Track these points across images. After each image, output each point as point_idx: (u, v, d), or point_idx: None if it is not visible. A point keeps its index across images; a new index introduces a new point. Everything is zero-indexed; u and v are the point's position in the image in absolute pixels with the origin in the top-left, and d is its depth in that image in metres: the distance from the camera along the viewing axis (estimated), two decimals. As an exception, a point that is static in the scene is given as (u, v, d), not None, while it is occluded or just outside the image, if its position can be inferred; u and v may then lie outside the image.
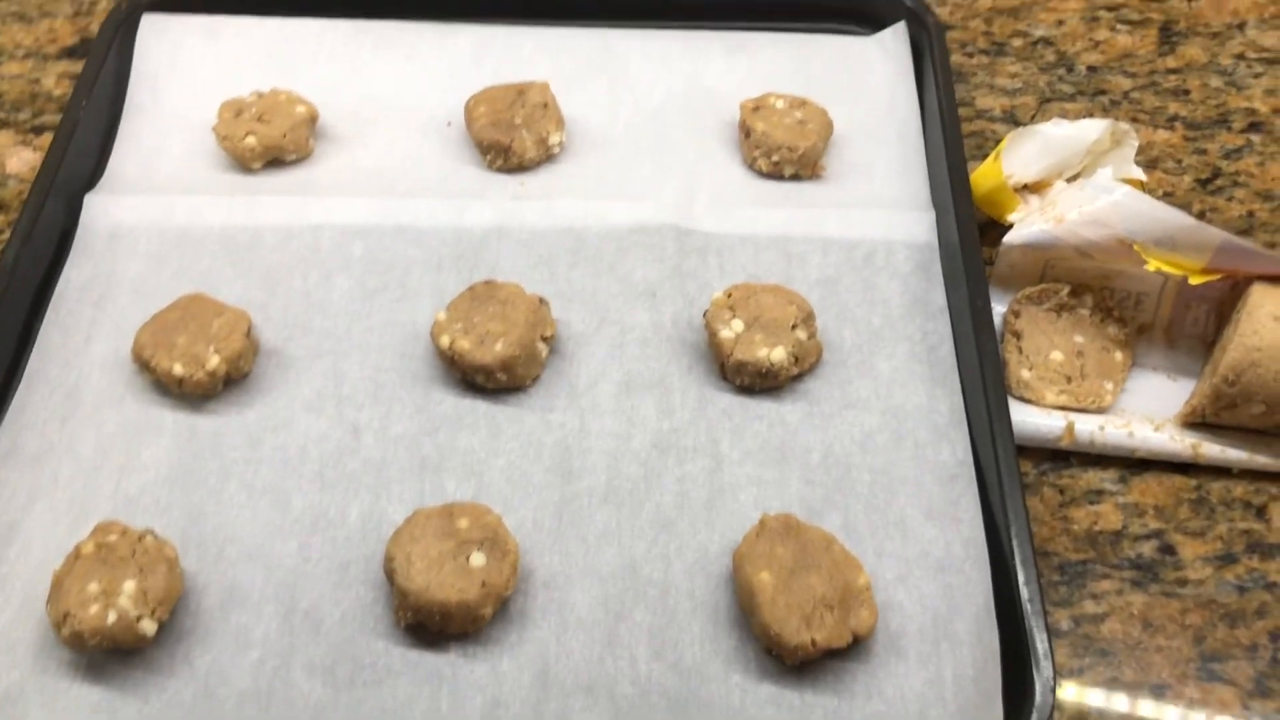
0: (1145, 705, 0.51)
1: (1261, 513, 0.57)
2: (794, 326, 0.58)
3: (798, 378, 0.59)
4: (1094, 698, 0.52)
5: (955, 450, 0.56)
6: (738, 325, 0.58)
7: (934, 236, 0.62)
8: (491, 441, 0.57)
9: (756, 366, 0.57)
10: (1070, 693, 0.52)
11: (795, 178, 0.67)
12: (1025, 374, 0.59)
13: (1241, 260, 0.56)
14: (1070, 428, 0.58)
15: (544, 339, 0.59)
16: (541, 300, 0.59)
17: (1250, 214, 0.69)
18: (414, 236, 0.64)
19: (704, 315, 0.59)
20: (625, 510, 0.55)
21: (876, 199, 0.64)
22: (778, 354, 0.57)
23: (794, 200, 0.65)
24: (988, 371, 0.56)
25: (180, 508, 0.54)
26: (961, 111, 0.72)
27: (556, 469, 0.56)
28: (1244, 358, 0.55)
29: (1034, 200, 0.65)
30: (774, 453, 0.57)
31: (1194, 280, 0.57)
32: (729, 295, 0.60)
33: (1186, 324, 0.61)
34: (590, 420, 0.57)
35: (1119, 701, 0.51)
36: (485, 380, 0.58)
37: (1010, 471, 0.53)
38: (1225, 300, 0.60)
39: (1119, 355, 0.60)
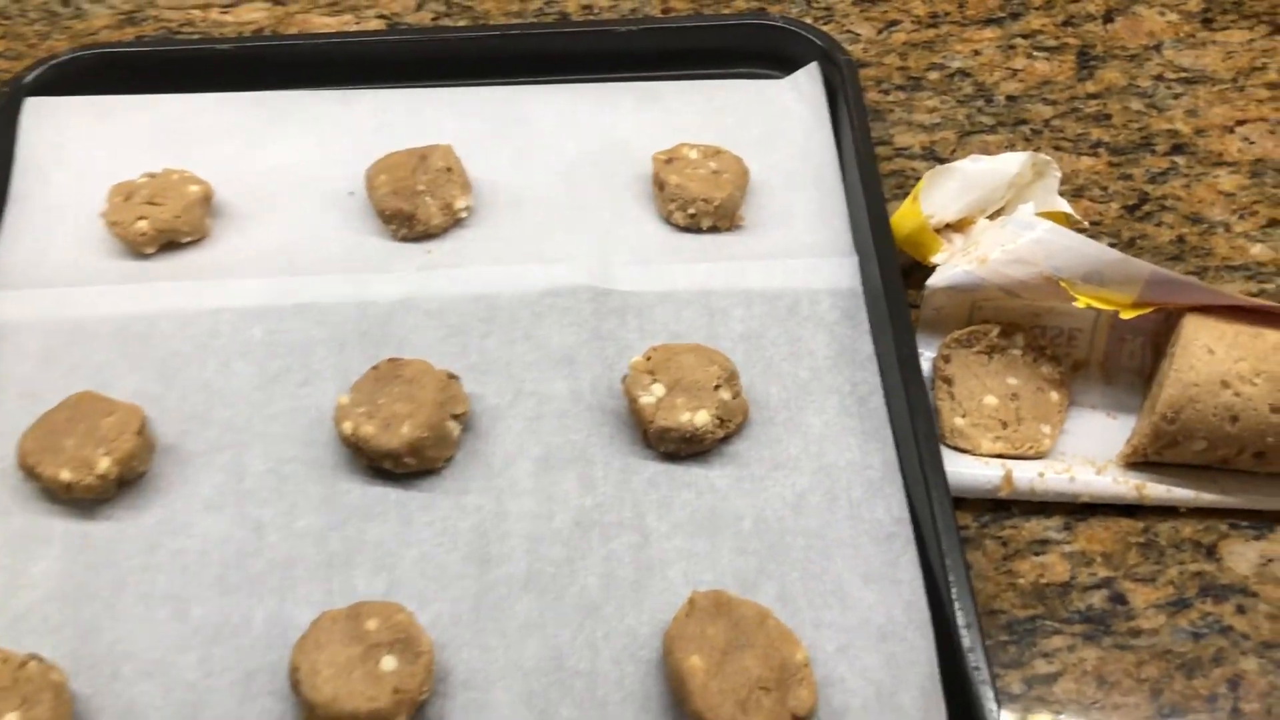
0: (1105, 768, 0.49)
1: (1212, 552, 0.55)
2: (717, 387, 0.55)
3: (725, 440, 0.56)
4: (1051, 763, 0.49)
5: (891, 507, 0.53)
6: (658, 389, 0.56)
7: (858, 282, 0.59)
8: (403, 531, 0.54)
9: (680, 432, 0.55)
10: (1026, 760, 0.49)
11: (714, 229, 0.65)
12: (959, 421, 0.57)
13: (1172, 292, 0.55)
14: (1009, 476, 0.55)
15: (455, 417, 0.56)
16: (451, 376, 0.57)
17: (1180, 239, 0.67)
18: (316, 315, 0.61)
19: (622, 381, 0.57)
20: (548, 597, 0.52)
21: (798, 247, 0.62)
22: (701, 417, 0.55)
23: (713, 253, 0.62)
24: (919, 422, 0.53)
25: (72, 625, 0.51)
26: (880, 150, 0.71)
27: (473, 557, 0.53)
28: (1181, 394, 0.53)
29: (957, 240, 0.63)
30: (704, 523, 0.54)
31: (1125, 315, 0.55)
32: (648, 358, 0.57)
33: (1123, 358, 0.59)
34: (508, 501, 0.54)
35: (1078, 766, 0.49)
36: (394, 466, 0.55)
37: (948, 527, 0.50)
38: (1160, 331, 0.58)
39: (1055, 395, 0.58)
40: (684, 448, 0.55)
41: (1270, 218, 0.68)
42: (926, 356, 0.60)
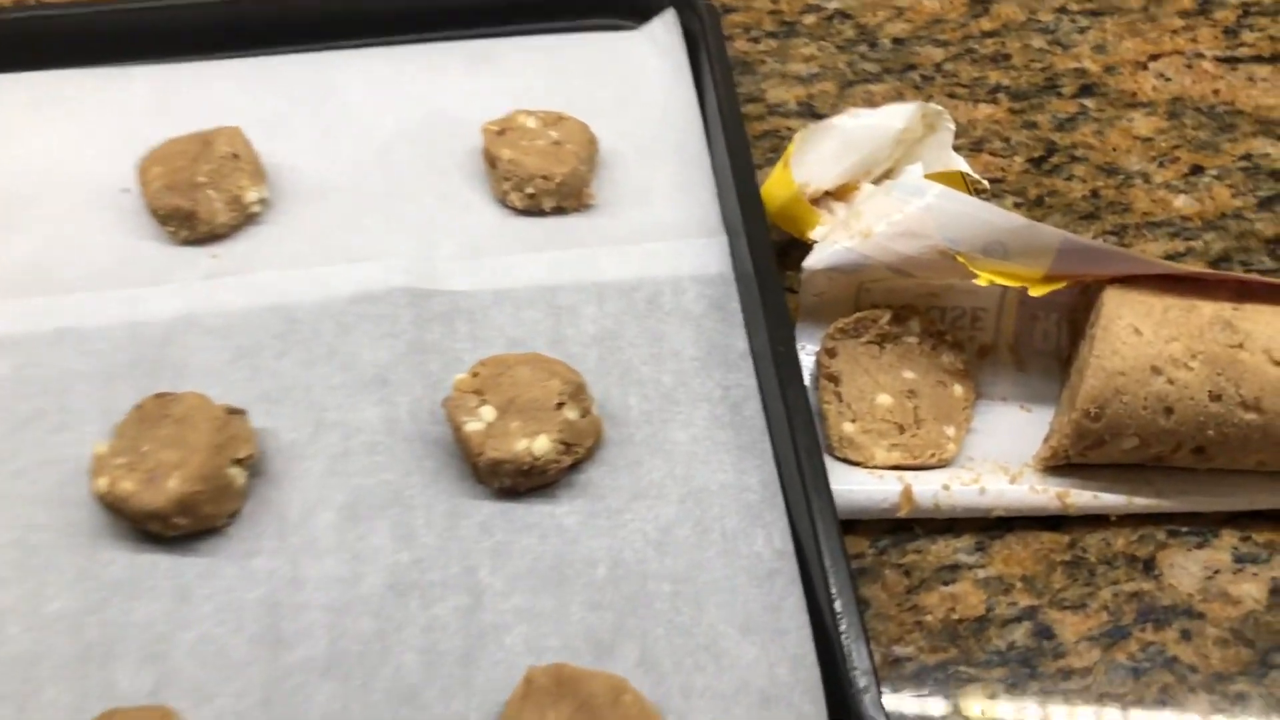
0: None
1: (1150, 567, 0.46)
2: (560, 405, 0.46)
3: (574, 468, 0.47)
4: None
5: (772, 538, 0.45)
6: (488, 413, 0.46)
7: (728, 266, 0.50)
8: (177, 610, 0.44)
9: (516, 464, 0.45)
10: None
11: (558, 211, 0.55)
12: (848, 428, 0.48)
13: (1088, 262, 0.46)
14: (908, 492, 0.47)
15: (238, 462, 0.46)
16: (232, 411, 0.46)
17: (1094, 193, 0.58)
18: (77, 342, 0.50)
19: (444, 404, 0.47)
20: (354, 683, 0.42)
21: (657, 228, 0.53)
22: (541, 444, 0.45)
23: (559, 239, 0.53)
24: (799, 433, 0.44)
25: None
26: (750, 108, 0.61)
27: (263, 637, 0.43)
28: (1105, 385, 0.44)
29: (839, 210, 0.53)
30: (548, 574, 0.44)
31: (1035, 291, 0.46)
32: (475, 375, 0.47)
33: (1035, 339, 0.51)
34: (305, 563, 0.45)
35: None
36: (163, 529, 0.44)
37: (837, 559, 0.42)
38: (1077, 306, 0.50)
39: (959, 389, 0.49)
40: (523, 482, 0.46)
41: (1192, 164, 0.60)
42: (809, 351, 0.51)
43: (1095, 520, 0.48)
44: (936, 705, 0.43)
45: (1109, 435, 0.45)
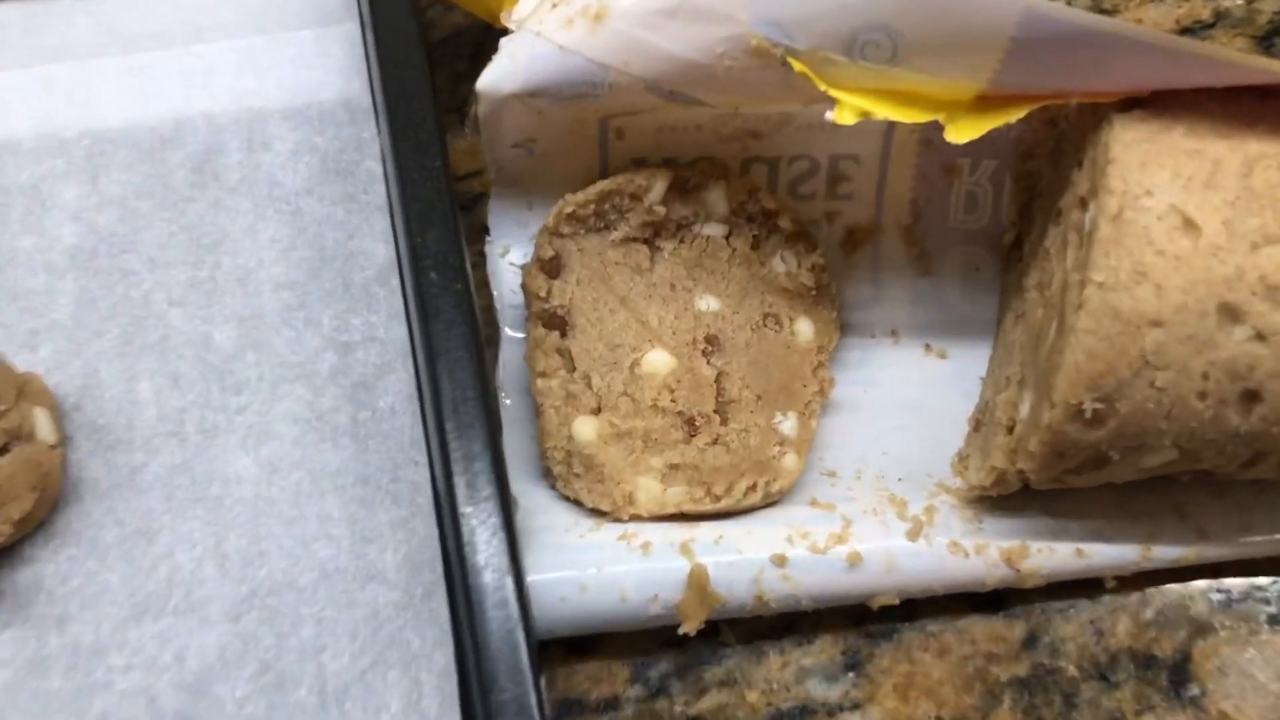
0: None
1: (1181, 677, 0.23)
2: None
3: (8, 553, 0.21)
4: None
5: (416, 692, 0.20)
6: None
7: (361, 87, 0.24)
8: None
9: None
10: None
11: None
12: (584, 429, 0.24)
13: (1066, 61, 0.21)
14: (698, 578, 0.22)
15: None
16: None
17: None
18: None
19: None
20: None
21: (210, 17, 0.25)
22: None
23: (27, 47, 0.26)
24: (469, 462, 0.21)
25: None
26: None
27: None
28: (1117, 349, 0.20)
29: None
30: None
31: (958, 133, 0.21)
32: None
33: (952, 213, 0.26)
34: None
35: None
36: None
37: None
38: (1035, 150, 0.25)
39: (805, 328, 0.25)
40: None
41: None
42: (512, 262, 0.25)
43: (1073, 591, 0.24)
44: None
45: (1119, 448, 0.21)
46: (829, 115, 0.22)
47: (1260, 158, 0.20)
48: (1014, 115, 0.22)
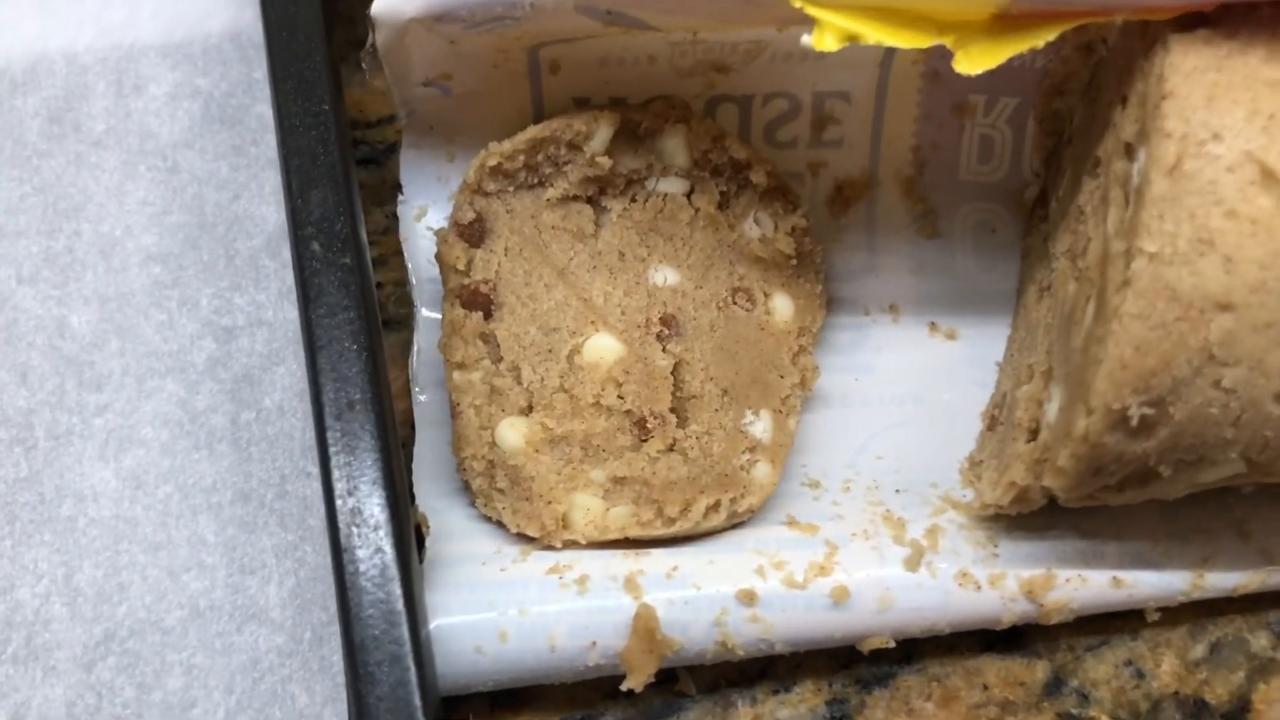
0: None
1: (1243, 741, 0.19)
2: None
3: None
4: None
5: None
6: None
7: (250, 16, 0.20)
8: None
9: None
10: None
11: None
12: (509, 433, 0.19)
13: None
14: (645, 621, 0.18)
15: None
16: None
17: None
18: None
19: None
20: None
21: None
22: None
23: None
24: (351, 479, 0.16)
25: None
26: None
27: None
28: (1173, 341, 0.15)
29: None
30: None
31: (968, 64, 0.17)
32: None
33: (964, 162, 0.21)
34: None
35: None
36: None
37: None
38: (1064, 85, 0.20)
39: (783, 305, 0.20)
40: None
41: None
42: (428, 231, 0.21)
43: (1107, 625, 0.20)
44: None
45: (1171, 461, 0.17)
46: (805, 39, 0.17)
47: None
48: (1040, 39, 0.17)
